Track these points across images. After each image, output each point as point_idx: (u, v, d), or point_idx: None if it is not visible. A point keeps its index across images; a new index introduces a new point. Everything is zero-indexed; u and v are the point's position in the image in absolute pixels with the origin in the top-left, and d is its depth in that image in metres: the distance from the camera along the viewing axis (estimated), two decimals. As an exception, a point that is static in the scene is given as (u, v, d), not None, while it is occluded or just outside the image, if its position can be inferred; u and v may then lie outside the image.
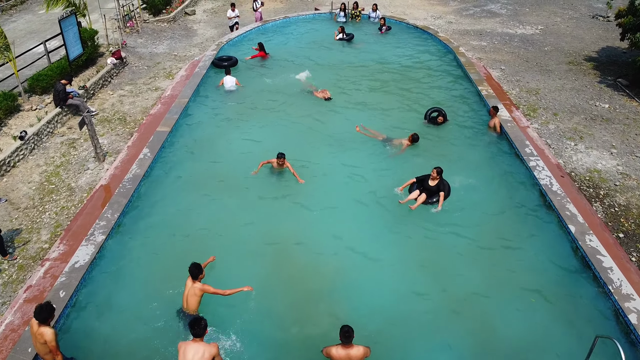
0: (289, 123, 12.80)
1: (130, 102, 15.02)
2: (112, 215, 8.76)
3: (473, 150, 11.65)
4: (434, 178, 9.47)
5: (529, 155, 10.49)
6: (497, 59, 18.58)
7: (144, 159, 10.53)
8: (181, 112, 12.61)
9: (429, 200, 9.52)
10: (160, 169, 10.71)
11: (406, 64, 16.78)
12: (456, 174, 10.52)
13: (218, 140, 12.09)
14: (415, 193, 9.65)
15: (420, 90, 14.85)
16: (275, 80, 15.41)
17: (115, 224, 8.67)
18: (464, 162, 11.17)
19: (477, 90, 14.05)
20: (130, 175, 9.99)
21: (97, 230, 8.42)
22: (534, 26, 22.38)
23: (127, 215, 9.11)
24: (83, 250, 7.96)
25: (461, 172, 10.70)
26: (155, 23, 21.89)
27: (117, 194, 9.39)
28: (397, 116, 13.31)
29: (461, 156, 11.37)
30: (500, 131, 11.84)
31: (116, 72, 16.80)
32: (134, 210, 9.49)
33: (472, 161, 11.20)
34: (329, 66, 16.53)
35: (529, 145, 10.87)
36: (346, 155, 11.40)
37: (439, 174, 9.42)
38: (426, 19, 23.28)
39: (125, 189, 9.54)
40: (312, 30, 19.76)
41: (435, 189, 9.48)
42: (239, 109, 13.68)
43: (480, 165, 10.99)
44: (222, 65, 16.22)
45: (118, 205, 8.99)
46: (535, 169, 10.06)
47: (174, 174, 10.69)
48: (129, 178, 9.89)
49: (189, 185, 10.37)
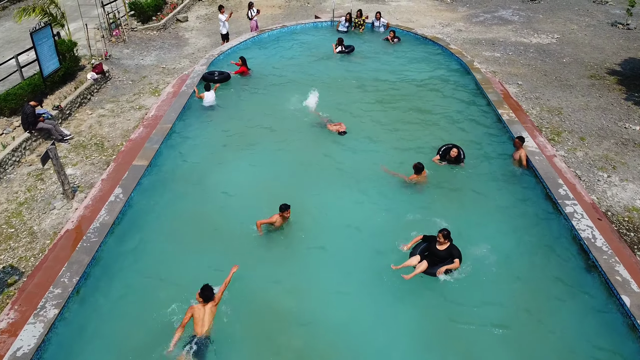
0: (286, 155, 11.27)
1: (110, 123, 13.55)
2: (69, 280, 7.29)
3: (494, 190, 10.03)
4: (441, 242, 7.88)
5: (563, 199, 8.99)
6: (512, 72, 17.11)
7: (114, 202, 9.05)
8: (163, 140, 11.12)
9: (432, 271, 7.81)
10: (134, 214, 9.17)
11: (415, 81, 15.17)
12: (473, 225, 8.96)
13: (204, 178, 10.53)
14: (415, 259, 7.93)
15: (432, 115, 13.23)
16: (269, 102, 13.81)
17: (73, 291, 7.19)
18: (483, 207, 9.56)
19: (497, 113, 12.53)
20: (97, 224, 8.51)
21: (49, 302, 6.94)
22: (550, 35, 20.89)
23: (89, 279, 7.63)
24: (29, 332, 6.49)
25: (479, 223, 9.09)
26: (143, 31, 20.41)
27: (79, 250, 7.91)
28: (405, 147, 11.66)
29: (480, 199, 9.75)
30: (527, 165, 10.34)
31: (97, 88, 15.34)
32: (98, 272, 7.90)
33: (493, 206, 9.57)
34: (329, 84, 14.93)
35: (562, 186, 9.36)
36: (348, 195, 9.87)
37: (447, 238, 7.83)
38: (434, 26, 21.80)
39: (90, 242, 8.07)
40: (312, 41, 18.17)
41: (444, 255, 7.87)
42: (227, 138, 12.07)
43: (503, 212, 9.36)
44: (213, 79, 14.82)
45: (78, 266, 7.52)
46: (573, 217, 8.54)
47: (150, 221, 9.13)
48: (95, 228, 8.41)
49: (169, 235, 8.82)
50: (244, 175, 10.50)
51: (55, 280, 7.24)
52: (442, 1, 25.74)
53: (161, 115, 13.01)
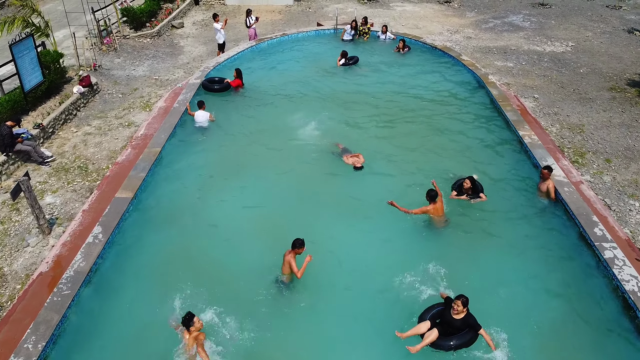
0: (286, 185, 10.15)
1: (97, 143, 12.52)
2: (34, 347, 6.26)
3: (520, 230, 8.81)
4: (458, 311, 6.77)
5: (601, 241, 7.94)
6: (528, 84, 16.07)
7: (92, 245, 8.01)
8: (150, 167, 10.08)
9: (443, 343, 6.67)
10: (115, 259, 8.09)
11: (425, 98, 14.02)
12: (495, 274, 7.80)
13: (195, 212, 9.40)
14: (424, 325, 6.78)
15: (445, 138, 12.02)
16: (268, 122, 12.63)
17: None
18: (507, 251, 8.33)
19: (518, 135, 11.43)
20: (70, 272, 7.48)
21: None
22: (564, 42, 19.86)
23: (58, 342, 6.60)
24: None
25: (502, 271, 7.94)
26: (136, 39, 19.38)
27: (48, 306, 6.88)
28: (416, 176, 10.45)
29: (503, 242, 8.54)
30: (555, 197, 9.28)
31: (84, 103, 14.31)
32: (69, 335, 6.77)
33: (518, 250, 8.37)
34: (331, 100, 13.82)
35: (597, 224, 8.30)
36: (352, 234, 8.78)
37: (465, 305, 6.73)
38: (442, 33, 20.76)
39: (61, 296, 7.04)
40: (314, 51, 17.06)
41: (458, 325, 6.76)
42: (222, 165, 10.92)
43: (530, 257, 8.17)
44: (212, 88, 13.88)
45: (46, 328, 6.50)
46: (614, 265, 7.48)
47: (133, 267, 8.01)
48: (68, 277, 7.37)
49: (155, 285, 7.70)
50: (240, 210, 9.40)
51: (17, 347, 6.20)
52: (450, 6, 24.71)
53: (151, 134, 11.99)
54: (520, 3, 25.53)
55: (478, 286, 7.41)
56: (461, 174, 10.22)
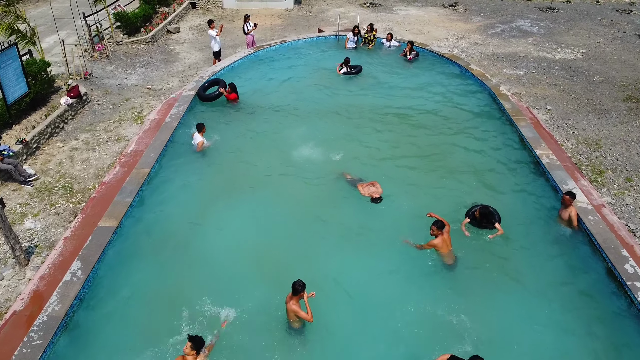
0: (288, 211, 9.24)
1: (84, 159, 11.76)
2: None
3: (537, 265, 7.94)
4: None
5: (633, 280, 7.16)
6: (539, 94, 15.31)
7: (70, 284, 7.24)
8: (137, 191, 9.29)
9: None
10: (95, 299, 7.25)
11: (433, 112, 13.07)
12: (510, 324, 7.01)
13: (187, 243, 8.48)
14: None
15: (456, 157, 11.03)
16: (267, 140, 11.70)
17: None
18: (524, 293, 7.47)
19: (535, 155, 10.59)
20: (44, 317, 6.71)
21: None
22: (575, 49, 19.10)
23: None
24: None
25: (519, 318, 7.11)
26: (130, 45, 18.61)
27: (18, 357, 6.12)
28: (424, 202, 9.48)
29: (519, 280, 7.68)
30: (578, 226, 8.49)
31: (72, 115, 13.55)
32: None
33: (536, 290, 7.50)
34: (334, 115, 12.91)
35: (628, 260, 7.51)
36: (355, 272, 7.94)
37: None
38: (447, 39, 20.00)
39: (31, 347, 6.28)
40: (315, 59, 16.21)
41: None
42: (217, 187, 9.97)
43: (550, 298, 7.33)
44: (211, 97, 13.23)
45: (11, 388, 5.76)
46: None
47: (116, 309, 7.16)
48: (41, 324, 6.60)
49: (140, 330, 6.89)
50: (237, 240, 8.52)
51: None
52: (455, 10, 23.96)
53: (141, 151, 11.22)
54: (527, 7, 24.79)
55: (492, 334, 6.66)
56: (474, 199, 9.43)
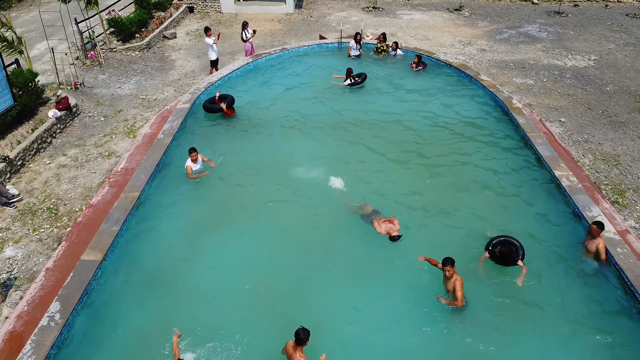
0: (292, 242, 8.48)
1: (71, 177, 11.07)
2: None
3: (561, 305, 7.21)
4: None
5: (672, 325, 6.50)
6: (551, 105, 14.61)
7: (46, 330, 6.51)
8: (126, 217, 8.58)
9: None
10: (74, 348, 6.52)
11: (441, 127, 12.25)
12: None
13: (182, 278, 7.74)
14: None
15: (466, 181, 10.18)
16: (267, 160, 10.85)
17: None
18: (547, 337, 6.76)
19: (554, 176, 9.84)
20: (15, 371, 6.03)
21: None
22: (586, 56, 18.40)
23: None
24: None
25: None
26: (124, 52, 17.91)
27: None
28: (436, 232, 8.76)
29: (540, 322, 6.94)
30: (606, 259, 7.78)
31: (60, 128, 12.85)
32: None
33: (561, 335, 6.76)
34: (336, 129, 12.08)
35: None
36: (360, 312, 7.25)
37: None
38: (453, 45, 19.30)
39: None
40: (317, 68, 15.41)
41: None
42: (213, 214, 9.14)
43: (577, 344, 6.62)
44: (217, 109, 12.51)
45: None
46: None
47: (96, 356, 6.47)
48: (11, 379, 5.93)
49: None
50: (235, 275, 7.76)
51: None
52: (460, 14, 23.26)
53: (132, 168, 10.53)
54: (534, 11, 24.09)
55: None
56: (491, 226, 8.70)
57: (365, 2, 24.87)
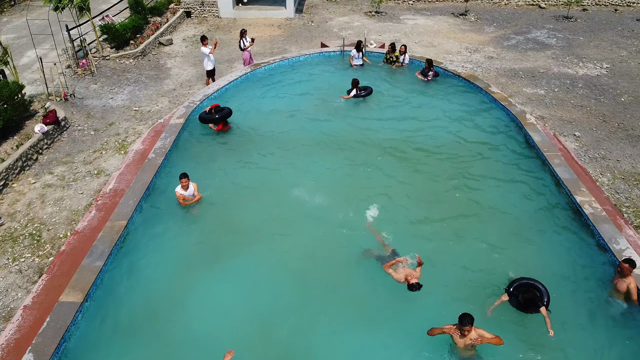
0: (292, 278, 7.78)
1: (56, 199, 10.38)
2: None
3: (588, 354, 6.52)
4: None
5: None
6: (564, 117, 13.92)
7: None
8: (111, 250, 7.87)
9: None
10: None
11: (451, 145, 11.45)
12: None
13: (172, 321, 7.03)
14: None
15: (478, 209, 9.35)
16: (266, 182, 10.09)
17: None
18: None
19: (575, 202, 9.11)
20: None
21: None
22: (598, 64, 17.70)
23: None
24: None
25: None
26: (117, 60, 17.21)
27: None
28: (448, 268, 7.95)
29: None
30: (638, 300, 7.08)
31: (47, 144, 12.16)
32: None
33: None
34: (340, 147, 11.33)
35: None
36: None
37: None
38: (460, 52, 18.61)
39: None
40: (318, 78, 14.66)
41: None
42: (206, 246, 8.43)
43: None
44: (211, 119, 11.83)
45: None
46: None
47: None
48: None
49: None
50: (230, 317, 7.10)
51: None
52: (466, 19, 22.56)
53: (122, 190, 9.84)
54: (542, 16, 23.38)
55: None
56: (508, 261, 7.97)
57: (368, 6, 24.18)
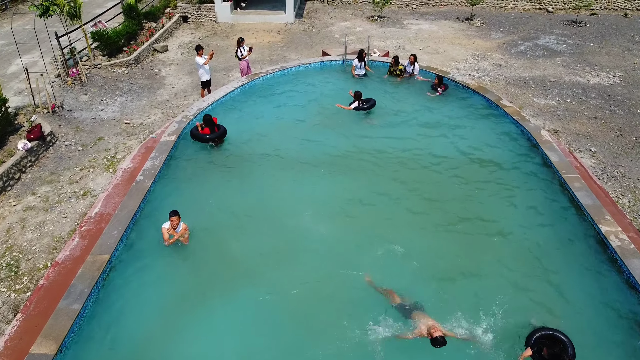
0: (291, 320, 7.07)
1: (38, 224, 9.67)
2: None
3: None
4: None
5: None
6: (579, 131, 13.19)
7: None
8: (91, 291, 7.14)
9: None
10: None
11: (464, 166, 10.62)
12: None
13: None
14: None
15: (494, 242, 8.53)
16: (262, 208, 9.24)
17: None
18: None
19: (599, 232, 8.34)
20: None
21: None
22: (610, 72, 16.98)
23: None
24: None
25: None
26: (109, 68, 16.50)
27: None
28: (464, 314, 7.10)
29: None
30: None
31: (32, 161, 11.45)
32: None
33: None
34: (345, 167, 10.57)
35: None
36: None
37: None
38: (467, 59, 17.89)
39: None
40: (319, 90, 13.89)
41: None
42: (195, 284, 7.63)
43: None
44: (204, 139, 11.17)
45: None
46: None
47: None
48: None
49: None
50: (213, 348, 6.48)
51: None
52: (471, 24, 21.83)
53: (108, 214, 9.14)
54: (549, 20, 22.66)
55: None
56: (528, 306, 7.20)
57: (370, 10, 23.45)
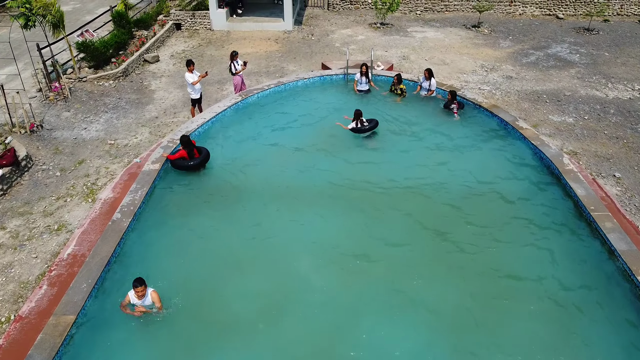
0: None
1: (5, 265, 8.67)
2: None
3: None
4: None
5: None
6: (600, 153, 12.18)
7: None
8: None
9: None
10: None
11: (475, 201, 9.49)
12: None
13: None
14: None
15: (516, 292, 7.50)
16: (252, 249, 8.26)
17: None
18: None
19: (636, 283, 7.41)
20: None
21: None
22: (628, 85, 15.96)
23: None
24: None
25: None
26: (95, 82, 15.50)
27: None
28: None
29: None
30: None
31: (4, 190, 10.46)
32: None
33: None
34: (347, 199, 9.51)
35: None
36: None
37: None
38: (475, 71, 16.88)
39: None
40: (321, 108, 12.77)
41: None
42: (177, 349, 6.65)
43: None
44: (185, 167, 10.20)
45: None
46: None
47: None
48: None
49: None
50: None
51: None
52: (479, 32, 20.81)
53: (82, 255, 8.16)
54: (560, 27, 21.63)
55: None
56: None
57: (373, 17, 22.44)
